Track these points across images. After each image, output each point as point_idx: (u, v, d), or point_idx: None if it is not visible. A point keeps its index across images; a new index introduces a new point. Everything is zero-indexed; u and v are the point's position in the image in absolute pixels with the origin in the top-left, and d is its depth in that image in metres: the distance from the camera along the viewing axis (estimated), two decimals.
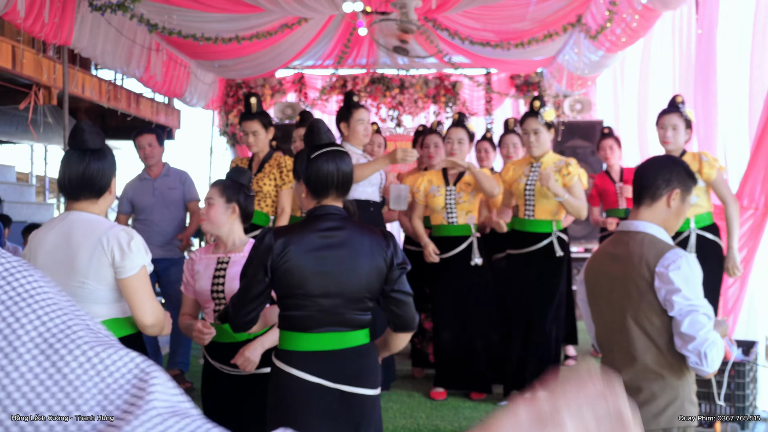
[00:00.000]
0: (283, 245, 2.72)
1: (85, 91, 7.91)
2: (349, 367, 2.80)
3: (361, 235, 2.83)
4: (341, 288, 2.76)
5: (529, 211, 5.24)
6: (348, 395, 2.78)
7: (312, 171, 2.85)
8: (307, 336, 2.76)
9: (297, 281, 2.73)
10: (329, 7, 7.60)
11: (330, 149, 2.91)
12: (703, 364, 2.63)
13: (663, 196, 2.85)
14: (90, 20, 6.72)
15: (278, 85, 11.46)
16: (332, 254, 2.76)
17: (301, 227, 2.82)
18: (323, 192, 2.87)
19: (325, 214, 2.85)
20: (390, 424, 4.85)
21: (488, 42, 9.00)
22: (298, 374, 2.73)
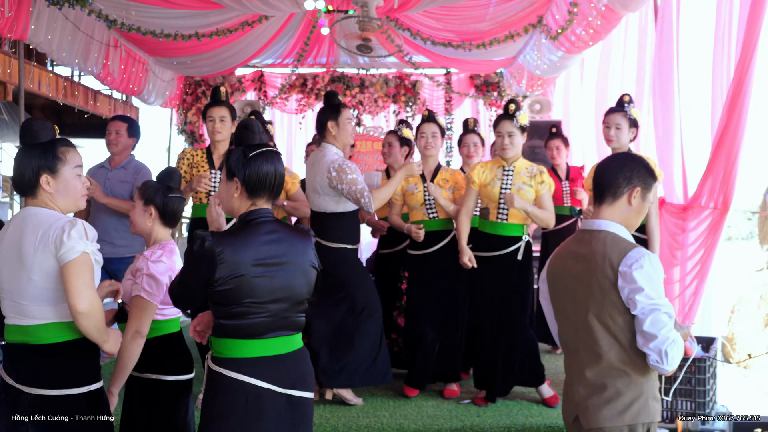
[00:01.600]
0: (227, 252, 2.64)
1: (41, 87, 7.79)
2: (294, 371, 2.79)
3: (295, 238, 2.82)
4: (288, 292, 2.75)
5: (502, 215, 5.22)
6: (294, 399, 2.77)
7: (251, 171, 2.77)
8: (256, 342, 2.71)
9: (247, 290, 2.66)
10: (290, 4, 7.56)
11: (269, 149, 2.84)
12: (664, 362, 2.65)
13: (624, 194, 2.87)
14: (47, 15, 6.60)
15: (238, 83, 11.38)
16: (277, 259, 2.72)
17: (242, 233, 2.73)
18: (260, 193, 2.79)
19: (263, 218, 2.78)
20: (353, 423, 4.83)
21: (450, 42, 9.03)
22: (251, 381, 2.68)
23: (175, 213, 3.59)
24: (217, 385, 2.72)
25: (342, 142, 5.16)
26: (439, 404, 5.29)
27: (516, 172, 5.24)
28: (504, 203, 5.18)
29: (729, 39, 5.48)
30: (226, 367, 2.70)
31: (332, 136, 5.13)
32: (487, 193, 5.27)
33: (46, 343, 2.85)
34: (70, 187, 2.95)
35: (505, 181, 5.22)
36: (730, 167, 5.31)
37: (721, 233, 5.48)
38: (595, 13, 6.90)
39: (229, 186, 2.82)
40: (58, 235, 2.79)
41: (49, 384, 2.84)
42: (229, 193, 2.82)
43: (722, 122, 5.29)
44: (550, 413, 5.03)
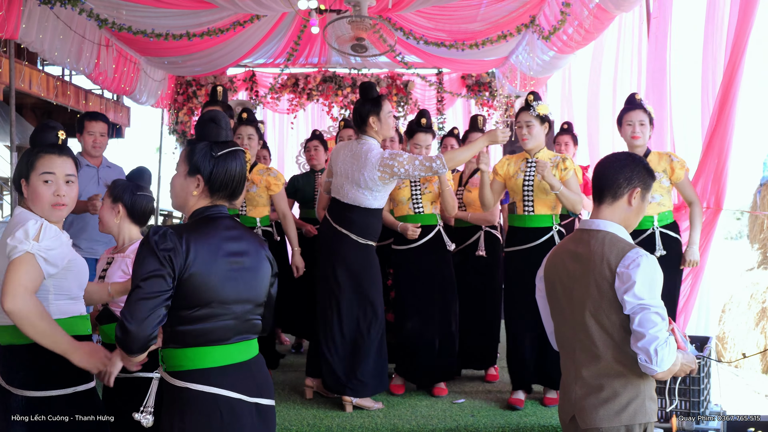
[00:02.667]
0: (191, 248, 2.47)
1: (32, 86, 7.75)
2: (259, 378, 2.65)
3: (252, 236, 2.70)
4: (250, 292, 2.62)
5: (528, 207, 5.21)
6: (262, 408, 2.64)
7: (219, 169, 2.62)
8: (221, 349, 2.54)
9: (213, 288, 2.50)
10: (283, 4, 7.53)
11: (238, 148, 2.70)
12: (653, 362, 2.63)
13: (624, 194, 2.87)
14: (38, 14, 6.56)
15: (229, 82, 11.34)
16: (239, 257, 2.59)
17: (202, 228, 2.57)
18: (222, 192, 2.65)
19: (222, 215, 2.65)
20: (347, 423, 4.82)
21: (443, 42, 9.03)
22: (223, 393, 2.51)
23: (143, 211, 3.56)
24: (184, 402, 2.51)
25: (383, 135, 5.11)
26: (433, 404, 5.28)
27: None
28: (528, 196, 5.18)
29: (719, 39, 5.50)
30: (192, 380, 2.50)
31: (374, 130, 5.07)
32: (512, 185, 5.27)
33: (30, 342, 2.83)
34: (36, 195, 2.96)
35: (528, 173, 5.20)
36: (721, 167, 5.34)
37: (714, 233, 5.50)
38: (587, 13, 6.91)
39: (188, 182, 2.64)
40: (6, 236, 2.82)
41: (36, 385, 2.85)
42: (187, 189, 2.64)
43: (712, 122, 5.32)
44: (545, 413, 5.03)
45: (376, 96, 5.11)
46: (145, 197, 3.56)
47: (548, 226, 5.20)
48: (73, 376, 2.92)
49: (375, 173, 4.91)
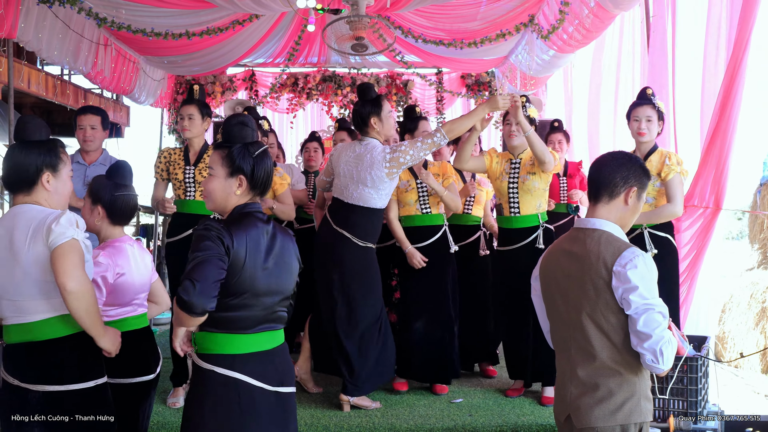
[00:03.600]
0: (235, 239, 2.66)
1: (31, 85, 7.73)
2: (280, 367, 2.82)
3: (284, 232, 2.88)
4: (280, 285, 2.80)
5: (515, 208, 5.28)
6: (282, 396, 2.79)
7: (259, 167, 2.83)
8: (246, 337, 2.72)
9: (248, 279, 2.68)
10: (282, 3, 7.52)
11: (267, 147, 2.90)
12: (659, 362, 2.65)
13: (621, 194, 2.88)
14: (36, 13, 6.54)
15: (229, 82, 11.34)
16: (274, 253, 2.78)
17: (244, 222, 2.75)
18: (259, 188, 2.87)
19: (258, 212, 2.84)
20: (345, 423, 4.81)
21: (441, 41, 9.02)
22: (244, 379, 2.69)
23: (123, 211, 3.52)
24: (206, 383, 2.69)
25: (385, 135, 5.14)
26: (431, 403, 5.28)
27: (522, 164, 5.31)
28: (513, 197, 5.25)
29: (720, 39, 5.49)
30: (216, 364, 2.69)
31: (375, 131, 5.09)
32: (498, 187, 5.36)
33: (47, 339, 2.88)
34: (66, 188, 3.05)
35: (512, 175, 5.28)
36: (721, 167, 5.33)
37: (713, 233, 5.49)
38: (586, 11, 6.90)
39: (230, 183, 2.81)
40: (48, 224, 2.82)
41: (55, 380, 2.86)
42: (230, 190, 2.82)
43: (713, 122, 5.31)
44: (542, 412, 5.02)
45: (376, 96, 5.13)
46: (126, 196, 3.52)
47: (535, 225, 5.28)
48: (87, 371, 2.96)
49: (382, 170, 4.93)
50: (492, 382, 5.93)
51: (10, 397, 2.89)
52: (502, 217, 5.41)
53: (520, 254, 5.25)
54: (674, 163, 4.97)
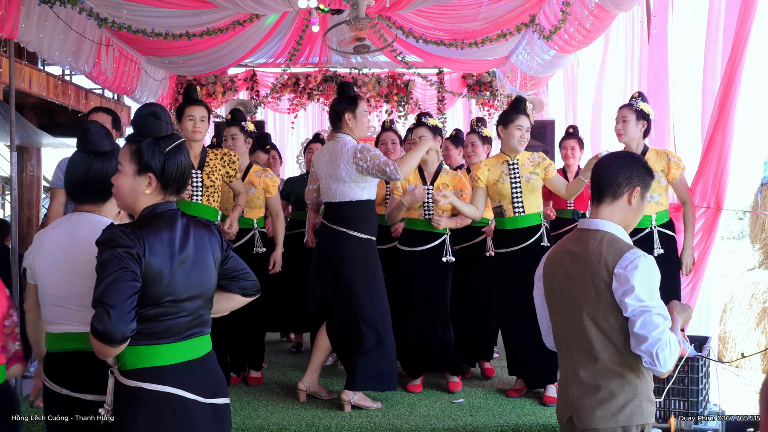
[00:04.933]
0: (146, 245, 2.43)
1: (32, 86, 7.73)
2: (212, 377, 2.61)
3: (201, 231, 2.63)
4: (201, 287, 2.58)
5: (519, 208, 5.31)
6: (218, 408, 2.60)
7: (170, 164, 2.57)
8: (173, 346, 2.50)
9: (166, 287, 2.46)
10: (283, 4, 7.52)
11: (183, 141, 2.65)
12: (656, 364, 2.63)
13: (624, 194, 2.85)
14: (37, 13, 6.54)
15: (230, 82, 11.34)
16: (189, 254, 2.54)
17: (154, 224, 2.52)
18: (173, 186, 2.62)
19: (170, 211, 2.59)
20: (346, 423, 4.81)
21: (442, 41, 9.02)
22: (177, 392, 2.47)
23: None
24: (136, 402, 2.46)
25: (358, 134, 5.16)
26: (432, 404, 5.28)
27: (521, 164, 5.34)
28: (517, 198, 5.27)
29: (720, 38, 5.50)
30: (144, 379, 2.46)
31: (348, 127, 5.12)
32: (498, 190, 5.34)
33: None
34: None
35: (513, 175, 5.30)
36: (721, 167, 5.33)
37: (716, 233, 5.49)
38: (587, 12, 6.90)
39: (138, 181, 2.57)
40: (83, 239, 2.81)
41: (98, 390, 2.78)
42: (138, 189, 2.58)
43: (713, 122, 5.31)
44: (543, 412, 5.02)
45: (353, 95, 5.18)
46: None
47: (538, 223, 5.34)
48: None
49: (351, 165, 4.96)
50: (493, 382, 5.93)
51: (57, 406, 2.86)
52: (505, 219, 5.38)
53: (525, 253, 5.25)
54: (678, 159, 5.11)
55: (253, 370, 5.91)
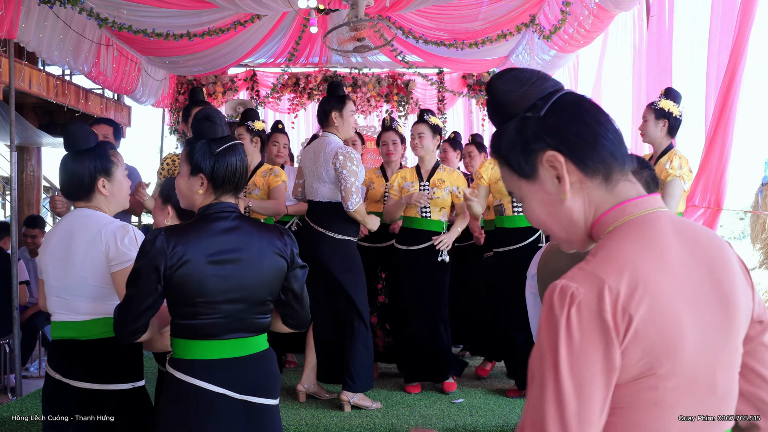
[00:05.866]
0: (178, 249, 2.50)
1: (32, 86, 7.72)
2: (254, 376, 2.62)
3: (259, 235, 2.65)
4: (244, 292, 2.58)
5: (518, 207, 5.35)
6: (253, 406, 2.62)
7: (220, 165, 2.65)
8: (210, 344, 2.56)
9: (196, 288, 2.51)
10: (282, 4, 7.53)
11: (236, 143, 2.73)
12: None
13: None
14: (37, 13, 6.55)
15: (230, 82, 11.35)
16: (233, 256, 2.56)
17: (196, 227, 2.58)
18: (226, 187, 2.68)
19: (221, 212, 2.64)
20: (346, 423, 4.81)
21: (442, 41, 9.02)
22: (203, 385, 2.53)
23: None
24: (169, 388, 2.59)
25: (344, 134, 5.15)
26: (432, 404, 5.28)
27: None
28: None
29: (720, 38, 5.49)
30: (178, 368, 2.57)
31: (335, 126, 5.11)
32: (500, 188, 5.38)
33: (93, 338, 2.93)
34: (122, 188, 3.11)
35: None
36: (722, 167, 5.33)
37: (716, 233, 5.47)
38: (587, 12, 6.90)
39: (192, 181, 2.68)
40: (110, 241, 2.90)
41: (95, 378, 2.90)
42: (193, 189, 2.69)
43: (714, 122, 5.31)
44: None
45: (342, 94, 5.16)
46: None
47: None
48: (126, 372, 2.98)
49: (330, 166, 4.96)
50: (493, 382, 5.93)
51: (52, 391, 2.95)
52: (504, 217, 5.43)
53: (522, 253, 5.26)
54: (675, 167, 4.99)
55: None
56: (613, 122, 1.42)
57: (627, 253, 1.31)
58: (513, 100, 1.45)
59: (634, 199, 1.40)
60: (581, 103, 1.43)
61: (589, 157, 1.39)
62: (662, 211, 1.39)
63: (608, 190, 1.40)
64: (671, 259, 1.33)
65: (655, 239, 1.34)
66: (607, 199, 1.40)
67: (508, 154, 1.46)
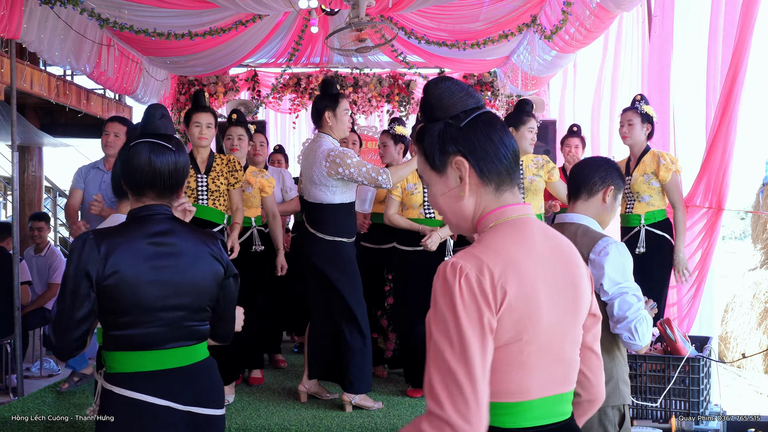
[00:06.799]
0: (110, 255, 2.35)
1: (33, 86, 7.73)
2: (197, 385, 2.51)
3: (195, 239, 2.52)
4: (183, 299, 2.45)
5: None
6: (198, 418, 2.49)
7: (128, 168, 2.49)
8: (149, 354, 2.42)
9: (130, 295, 2.36)
10: (284, 4, 7.53)
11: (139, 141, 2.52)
12: (635, 338, 2.82)
13: (599, 192, 3.05)
14: (39, 14, 6.56)
15: (231, 82, 11.34)
16: (168, 261, 2.43)
17: (125, 231, 2.43)
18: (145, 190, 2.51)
19: (155, 214, 2.49)
20: (347, 423, 4.81)
21: (444, 42, 9.02)
22: (145, 399, 2.40)
23: None
24: (110, 404, 2.44)
25: (338, 134, 5.07)
26: None
27: (525, 166, 5.42)
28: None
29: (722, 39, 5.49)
30: (117, 384, 2.42)
31: (328, 126, 5.04)
32: None
33: None
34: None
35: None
36: (723, 167, 5.33)
37: (717, 232, 5.49)
38: (588, 12, 6.90)
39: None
40: None
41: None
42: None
43: (715, 123, 5.31)
44: None
45: (335, 92, 5.09)
46: None
47: None
48: None
49: (322, 168, 4.88)
50: None
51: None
52: None
53: None
54: (669, 162, 5.21)
55: (254, 371, 5.92)
56: (515, 145, 1.77)
57: (503, 244, 1.67)
58: (442, 106, 1.78)
59: (513, 205, 1.75)
60: (494, 124, 1.76)
61: (488, 169, 1.73)
62: (532, 217, 1.77)
63: (495, 197, 1.75)
64: (537, 252, 1.71)
65: (525, 236, 1.72)
66: (493, 203, 1.75)
67: (428, 149, 1.79)
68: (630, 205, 5.46)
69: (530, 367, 1.68)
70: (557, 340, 1.72)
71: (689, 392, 4.42)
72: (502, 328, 1.62)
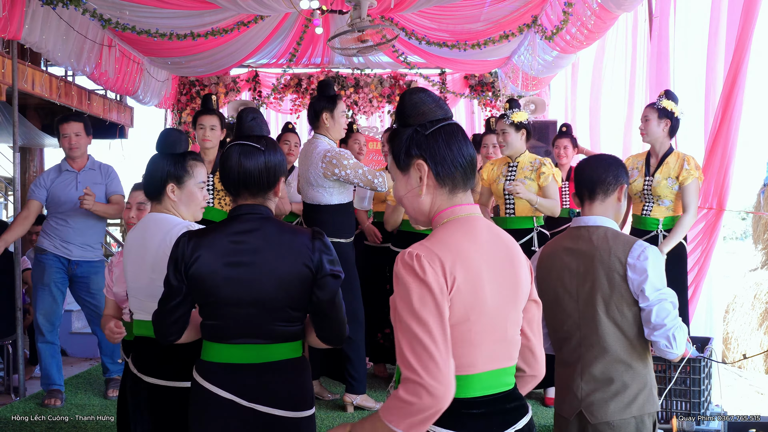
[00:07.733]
0: (193, 250, 2.51)
1: (35, 87, 7.74)
2: (269, 385, 2.51)
3: (280, 238, 2.54)
4: (256, 297, 2.49)
5: (510, 209, 5.38)
6: (265, 417, 2.50)
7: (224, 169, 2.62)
8: (222, 347, 2.52)
9: (208, 288, 2.49)
10: (285, 4, 7.53)
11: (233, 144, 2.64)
12: (673, 346, 2.75)
13: (614, 191, 3.00)
14: (41, 14, 6.56)
15: (232, 83, 11.35)
16: (244, 259, 2.50)
17: (214, 229, 2.57)
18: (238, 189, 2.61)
19: (245, 214, 2.58)
20: None
21: (445, 42, 9.02)
22: (211, 388, 2.49)
23: None
24: (191, 389, 2.61)
25: (335, 135, 5.04)
26: None
27: (520, 167, 5.37)
28: (509, 198, 5.32)
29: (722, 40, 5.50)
30: (197, 370, 2.58)
31: (325, 127, 5.00)
32: (494, 189, 5.47)
33: None
34: (193, 199, 3.16)
35: (509, 177, 5.37)
36: (724, 168, 5.34)
37: (717, 233, 5.49)
38: (589, 12, 6.90)
39: None
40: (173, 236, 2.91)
41: (163, 375, 2.94)
42: None
43: (716, 124, 5.32)
44: (546, 413, 5.02)
45: (333, 94, 5.07)
46: None
47: (529, 227, 5.34)
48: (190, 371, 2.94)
49: (318, 169, 4.85)
50: None
51: (132, 384, 3.04)
52: (497, 218, 5.48)
53: None
54: (692, 167, 5.01)
55: None
56: (473, 156, 2.05)
57: (453, 238, 1.97)
58: (413, 114, 2.05)
59: (463, 205, 2.05)
60: (455, 134, 2.04)
61: (444, 173, 2.02)
62: (479, 216, 2.06)
63: (449, 197, 2.04)
64: (482, 244, 2.00)
65: (472, 231, 2.01)
66: (446, 202, 2.05)
67: (396, 150, 2.08)
68: (648, 207, 5.20)
69: (477, 344, 1.96)
70: (500, 321, 2.00)
71: (690, 393, 4.43)
72: (453, 309, 1.90)
